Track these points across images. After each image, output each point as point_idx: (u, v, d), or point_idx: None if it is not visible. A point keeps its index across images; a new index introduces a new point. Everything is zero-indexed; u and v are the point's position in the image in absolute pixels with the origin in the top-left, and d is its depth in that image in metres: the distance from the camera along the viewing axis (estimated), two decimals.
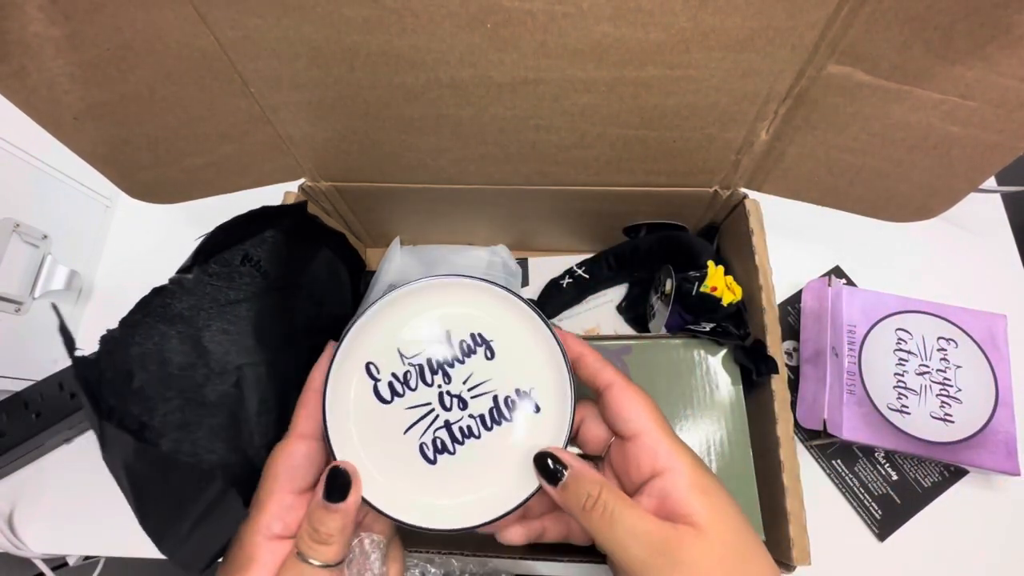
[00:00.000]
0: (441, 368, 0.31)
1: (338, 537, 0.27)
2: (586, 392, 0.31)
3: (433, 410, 0.30)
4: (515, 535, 0.30)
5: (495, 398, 0.31)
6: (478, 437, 0.30)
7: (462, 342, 0.31)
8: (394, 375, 0.31)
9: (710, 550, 0.24)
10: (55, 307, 0.29)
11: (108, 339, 0.29)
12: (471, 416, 0.30)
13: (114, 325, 0.31)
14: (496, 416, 0.30)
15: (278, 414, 0.35)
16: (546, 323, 0.30)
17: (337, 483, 0.28)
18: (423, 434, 0.30)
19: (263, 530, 0.27)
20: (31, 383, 0.49)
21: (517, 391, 0.31)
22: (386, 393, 0.30)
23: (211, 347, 0.32)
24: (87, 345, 0.30)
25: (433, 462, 0.30)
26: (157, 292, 0.31)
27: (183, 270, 0.32)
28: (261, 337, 0.35)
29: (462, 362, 0.31)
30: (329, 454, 0.29)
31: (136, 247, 0.62)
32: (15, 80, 0.30)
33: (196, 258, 0.33)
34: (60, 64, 0.30)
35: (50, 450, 0.53)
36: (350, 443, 0.30)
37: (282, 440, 0.30)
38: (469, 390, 0.31)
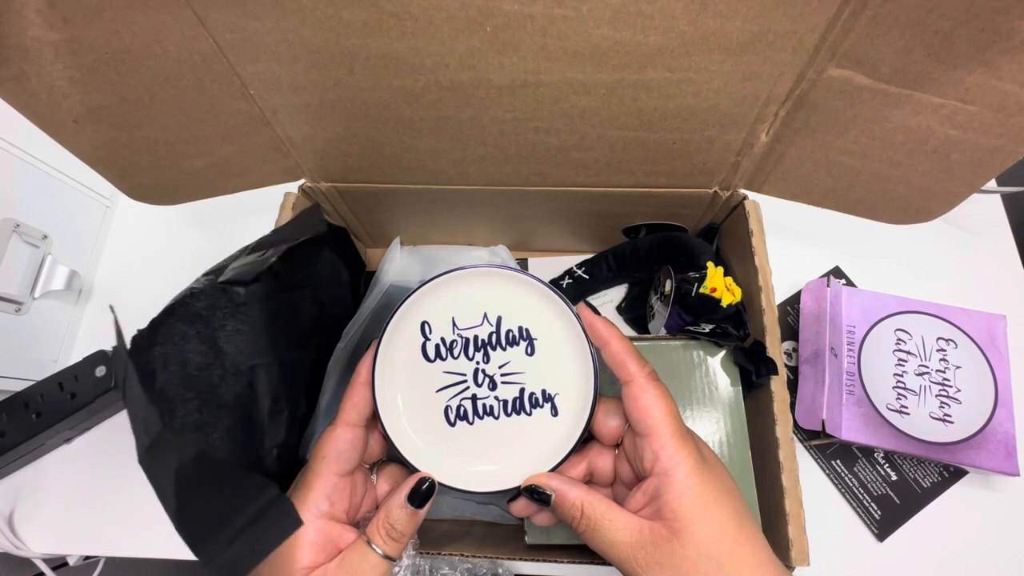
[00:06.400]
0: (484, 348, 0.33)
1: (408, 537, 0.31)
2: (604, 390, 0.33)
3: (465, 381, 0.33)
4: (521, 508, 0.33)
5: (522, 390, 0.33)
6: (496, 418, 0.33)
7: (509, 331, 0.33)
8: (442, 339, 0.34)
9: (684, 555, 0.26)
10: (112, 309, 0.26)
11: (139, 338, 0.28)
12: (496, 398, 0.33)
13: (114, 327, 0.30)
14: (517, 407, 0.33)
15: (289, 414, 0.35)
16: (589, 342, 0.32)
17: (421, 491, 0.31)
18: (450, 398, 0.33)
19: (312, 508, 0.29)
20: (31, 383, 0.49)
21: (543, 392, 0.33)
22: (431, 352, 0.33)
23: (226, 347, 0.32)
24: (87, 346, 0.30)
25: (452, 425, 0.33)
26: (189, 294, 0.30)
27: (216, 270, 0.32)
28: (273, 337, 0.35)
29: (504, 349, 0.33)
30: (371, 394, 0.32)
31: (136, 248, 0.62)
32: (14, 84, 0.30)
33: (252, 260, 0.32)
34: (59, 68, 0.30)
35: (50, 450, 0.53)
36: (391, 385, 0.33)
37: (329, 427, 0.31)
38: (502, 376, 0.33)
